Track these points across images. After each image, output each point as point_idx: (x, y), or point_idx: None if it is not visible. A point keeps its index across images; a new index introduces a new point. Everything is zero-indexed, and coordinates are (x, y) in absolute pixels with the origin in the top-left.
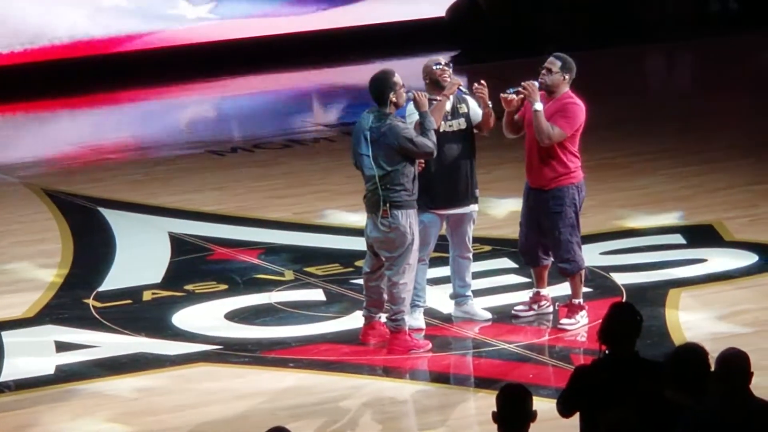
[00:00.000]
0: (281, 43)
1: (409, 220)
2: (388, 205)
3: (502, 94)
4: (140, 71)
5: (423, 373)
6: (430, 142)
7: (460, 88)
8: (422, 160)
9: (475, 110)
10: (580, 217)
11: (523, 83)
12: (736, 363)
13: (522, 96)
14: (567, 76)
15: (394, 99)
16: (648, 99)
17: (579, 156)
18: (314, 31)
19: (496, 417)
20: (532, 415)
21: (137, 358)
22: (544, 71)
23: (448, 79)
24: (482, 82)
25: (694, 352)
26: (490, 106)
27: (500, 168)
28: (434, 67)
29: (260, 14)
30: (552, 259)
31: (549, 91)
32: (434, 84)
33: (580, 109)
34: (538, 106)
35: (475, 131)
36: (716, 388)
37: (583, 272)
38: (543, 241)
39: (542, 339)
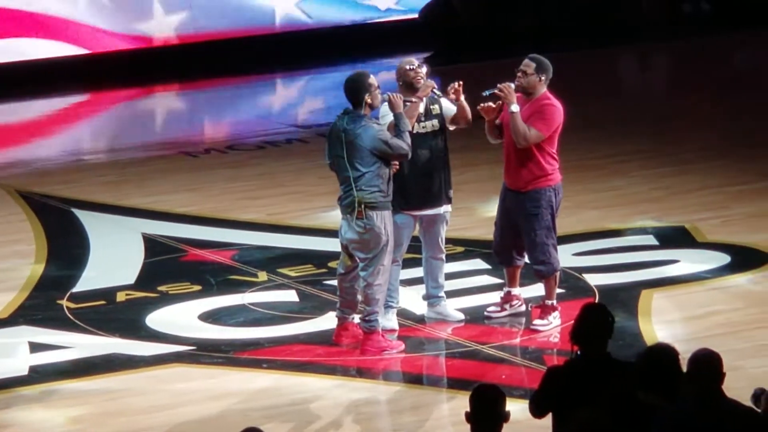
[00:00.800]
0: (253, 44)
1: (384, 221)
2: (362, 206)
3: (480, 105)
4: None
5: (396, 374)
6: (404, 144)
7: (434, 90)
8: (396, 162)
9: (448, 107)
10: (556, 220)
11: (499, 85)
12: (708, 364)
13: (499, 102)
14: (543, 78)
15: (369, 100)
16: (621, 100)
17: (557, 158)
18: (287, 32)
19: (469, 417)
20: (504, 416)
21: (111, 359)
22: (519, 74)
23: (422, 81)
24: (460, 82)
25: (665, 352)
26: (463, 98)
27: (473, 169)
28: (408, 69)
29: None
30: (525, 260)
31: (526, 93)
32: (408, 86)
33: (557, 110)
34: (515, 108)
35: (452, 128)
36: (688, 389)
37: (558, 274)
38: (518, 242)
39: (515, 340)
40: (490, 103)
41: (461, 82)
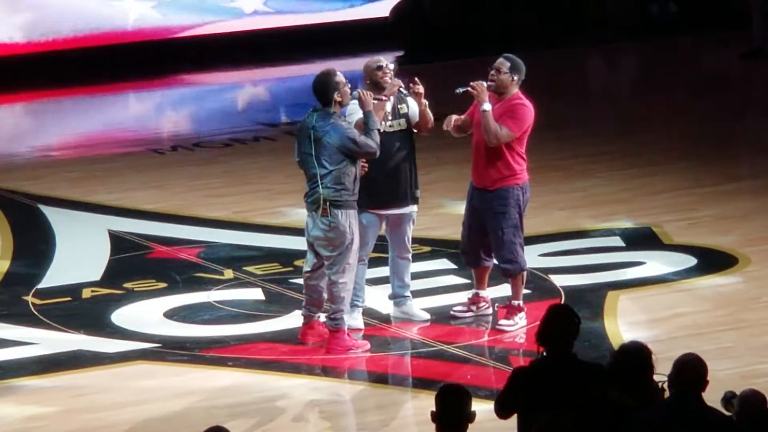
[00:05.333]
0: (224, 41)
1: (349, 219)
2: (328, 204)
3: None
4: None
5: (361, 373)
6: (373, 142)
7: (401, 90)
8: (365, 162)
9: (414, 110)
10: (523, 219)
11: (471, 83)
12: (693, 370)
13: (460, 87)
14: (516, 77)
15: (338, 98)
16: (589, 101)
17: (525, 158)
18: (257, 30)
19: (435, 417)
20: (470, 416)
21: (76, 356)
22: (493, 72)
23: (389, 81)
24: (415, 79)
25: (637, 351)
26: (426, 104)
27: (440, 169)
28: (374, 68)
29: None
30: (493, 261)
31: (498, 92)
32: (374, 85)
33: (528, 110)
34: (487, 106)
35: (415, 131)
36: (671, 393)
37: (524, 274)
38: (485, 241)
39: (481, 340)
40: (452, 120)
41: (417, 80)
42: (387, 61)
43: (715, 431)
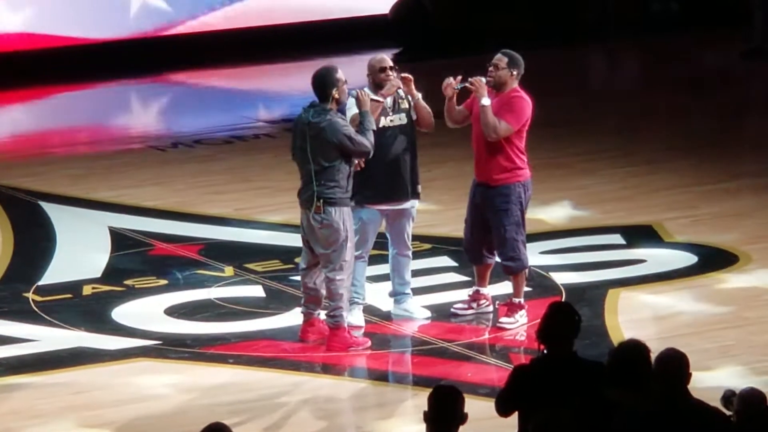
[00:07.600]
0: (222, 38)
1: (343, 216)
2: (321, 201)
3: (445, 84)
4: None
5: (362, 371)
6: (367, 142)
7: (399, 90)
8: (360, 160)
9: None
10: (525, 216)
11: (470, 78)
12: (674, 363)
13: (459, 83)
14: (514, 72)
15: (336, 95)
16: (589, 99)
17: (525, 153)
18: (256, 27)
19: (427, 417)
20: (462, 417)
21: (77, 353)
22: (491, 67)
23: (389, 80)
24: (408, 75)
25: (636, 349)
26: (419, 96)
27: (441, 166)
28: (378, 69)
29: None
30: (495, 259)
31: (496, 88)
32: (376, 86)
33: (526, 104)
34: (486, 101)
35: (418, 128)
36: (654, 389)
37: (526, 271)
38: (488, 238)
39: (482, 338)
40: (452, 80)
41: (409, 76)
42: (391, 60)
43: (704, 424)
